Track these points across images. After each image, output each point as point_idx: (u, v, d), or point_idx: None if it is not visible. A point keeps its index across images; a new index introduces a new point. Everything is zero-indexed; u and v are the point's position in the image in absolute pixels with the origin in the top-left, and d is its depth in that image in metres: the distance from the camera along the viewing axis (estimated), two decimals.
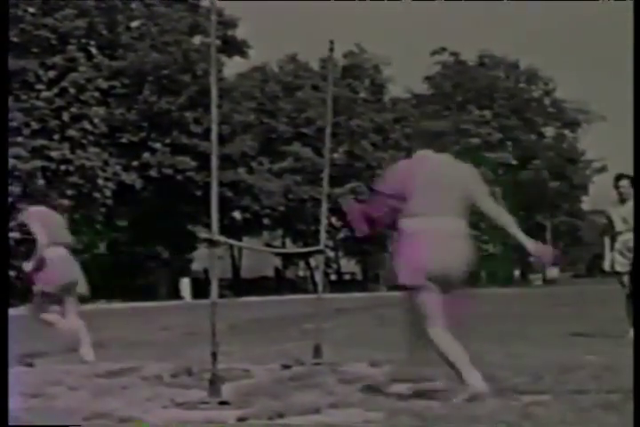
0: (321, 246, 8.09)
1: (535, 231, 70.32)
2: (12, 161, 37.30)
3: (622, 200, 9.40)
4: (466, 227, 5.15)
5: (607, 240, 9.53)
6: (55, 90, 41.33)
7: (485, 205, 5.24)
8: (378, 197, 5.21)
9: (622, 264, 9.31)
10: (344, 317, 16.17)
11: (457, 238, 5.10)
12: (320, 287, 8.23)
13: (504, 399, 4.90)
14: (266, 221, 54.89)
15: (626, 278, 9.30)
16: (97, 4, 43.94)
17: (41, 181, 40.59)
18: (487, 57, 70.22)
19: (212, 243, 5.57)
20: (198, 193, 44.21)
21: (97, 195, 41.75)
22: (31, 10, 42.47)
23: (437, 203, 5.05)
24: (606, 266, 9.50)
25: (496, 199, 5.07)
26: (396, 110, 61.22)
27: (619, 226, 9.36)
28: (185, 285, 43.91)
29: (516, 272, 74.96)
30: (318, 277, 9.39)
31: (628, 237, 9.25)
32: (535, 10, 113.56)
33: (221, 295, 5.90)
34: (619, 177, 9.55)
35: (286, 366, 6.97)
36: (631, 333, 8.82)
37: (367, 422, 4.37)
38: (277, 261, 59.60)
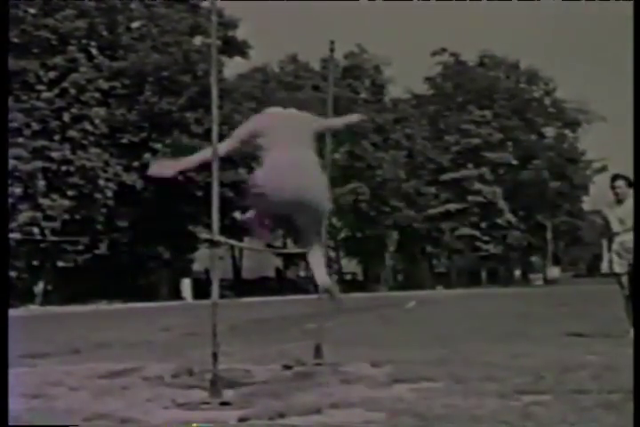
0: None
1: (536, 231, 70.45)
2: (12, 162, 37.33)
3: (619, 201, 9.32)
4: (315, 156, 5.62)
5: (604, 241, 9.51)
6: (56, 90, 41.35)
7: (327, 123, 6.23)
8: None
9: (620, 265, 9.28)
10: (345, 317, 16.16)
11: (310, 166, 5.56)
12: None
13: (505, 399, 4.91)
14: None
15: (624, 279, 9.27)
16: (97, 5, 43.95)
17: (42, 182, 40.62)
18: (488, 57, 70.26)
19: (212, 243, 5.57)
20: (199, 193, 44.20)
21: (98, 195, 41.76)
22: (32, 10, 42.49)
23: (289, 138, 5.59)
24: (604, 267, 9.47)
25: None
26: (396, 111, 61.26)
27: (615, 227, 9.31)
28: (186, 285, 43.92)
29: (517, 272, 75.00)
30: None
31: (625, 238, 9.20)
32: (535, 10, 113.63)
33: (222, 296, 5.91)
34: (615, 177, 9.50)
35: (287, 367, 6.97)
36: (631, 333, 8.81)
37: (368, 423, 4.37)
38: (278, 262, 59.64)
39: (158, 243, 46.12)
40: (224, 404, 5.03)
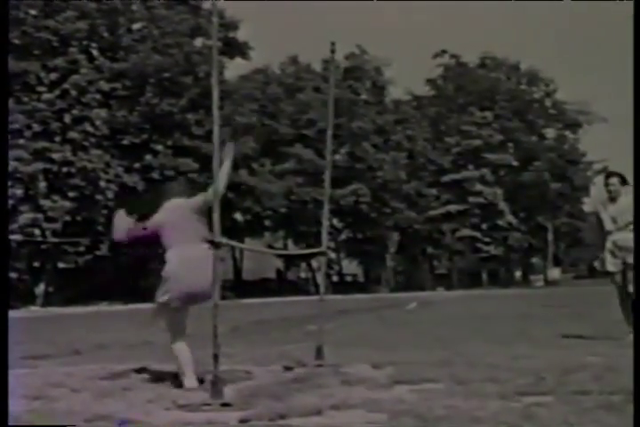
0: (323, 248, 8.09)
1: (536, 232, 70.43)
2: (13, 163, 37.31)
3: (612, 199, 9.23)
4: (208, 249, 5.86)
5: (599, 239, 9.48)
6: (57, 92, 41.34)
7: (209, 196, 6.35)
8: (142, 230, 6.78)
9: (614, 264, 9.24)
10: (346, 318, 16.16)
11: (203, 262, 5.91)
12: (322, 289, 8.22)
13: (506, 401, 4.90)
14: (267, 222, 54.90)
15: (618, 278, 9.24)
16: (98, 7, 43.93)
17: (43, 184, 40.62)
18: (489, 59, 70.27)
19: (213, 244, 5.58)
20: None
21: (99, 197, 41.74)
22: (33, 12, 42.48)
23: (183, 234, 6.36)
24: (598, 265, 9.45)
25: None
26: (397, 112, 61.26)
27: (608, 225, 9.26)
28: None
29: (518, 273, 74.98)
30: (320, 278, 9.40)
31: (618, 237, 9.16)
32: (535, 10, 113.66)
33: (223, 297, 5.92)
34: (608, 175, 9.46)
35: (288, 368, 6.97)
36: (631, 335, 8.79)
37: (369, 424, 4.37)
38: (279, 263, 59.61)
39: (159, 244, 46.07)
40: (225, 405, 5.03)
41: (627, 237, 9.07)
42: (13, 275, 39.00)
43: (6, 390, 4.87)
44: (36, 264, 43.16)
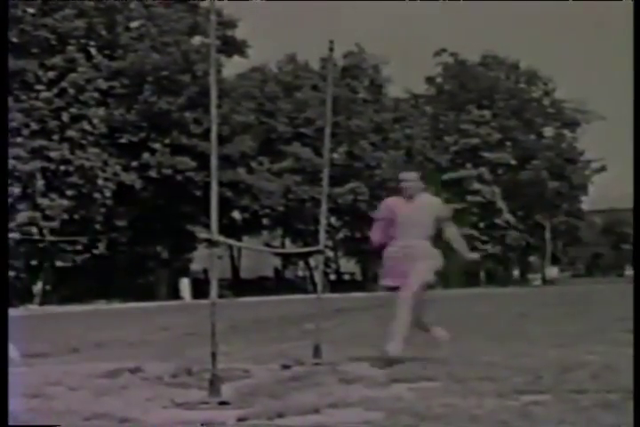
0: (320, 246, 8.09)
1: (534, 231, 70.46)
2: (11, 162, 37.28)
3: (407, 197, 7.83)
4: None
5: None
6: (55, 90, 41.33)
7: None
8: None
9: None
10: (343, 317, 16.18)
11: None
12: (319, 287, 8.23)
13: (504, 399, 4.91)
14: (265, 221, 54.88)
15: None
16: (96, 5, 43.92)
17: (40, 182, 40.62)
18: (490, 57, 70.24)
19: (211, 243, 5.58)
20: (198, 193, 44.19)
21: (97, 195, 41.74)
22: (31, 10, 42.46)
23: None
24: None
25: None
26: (395, 110, 61.24)
27: (396, 230, 8.08)
28: (184, 285, 43.90)
29: (515, 272, 75.01)
30: (318, 277, 9.41)
31: (407, 244, 7.96)
32: (535, 9, 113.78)
33: (221, 295, 5.91)
34: (402, 174, 7.96)
35: (286, 366, 6.97)
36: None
37: (367, 422, 4.37)
38: (277, 262, 59.61)
39: (157, 242, 46.12)
40: (223, 403, 5.04)
41: (417, 244, 7.92)
42: (11, 273, 39.00)
43: (6, 388, 4.87)
44: (34, 263, 43.15)
